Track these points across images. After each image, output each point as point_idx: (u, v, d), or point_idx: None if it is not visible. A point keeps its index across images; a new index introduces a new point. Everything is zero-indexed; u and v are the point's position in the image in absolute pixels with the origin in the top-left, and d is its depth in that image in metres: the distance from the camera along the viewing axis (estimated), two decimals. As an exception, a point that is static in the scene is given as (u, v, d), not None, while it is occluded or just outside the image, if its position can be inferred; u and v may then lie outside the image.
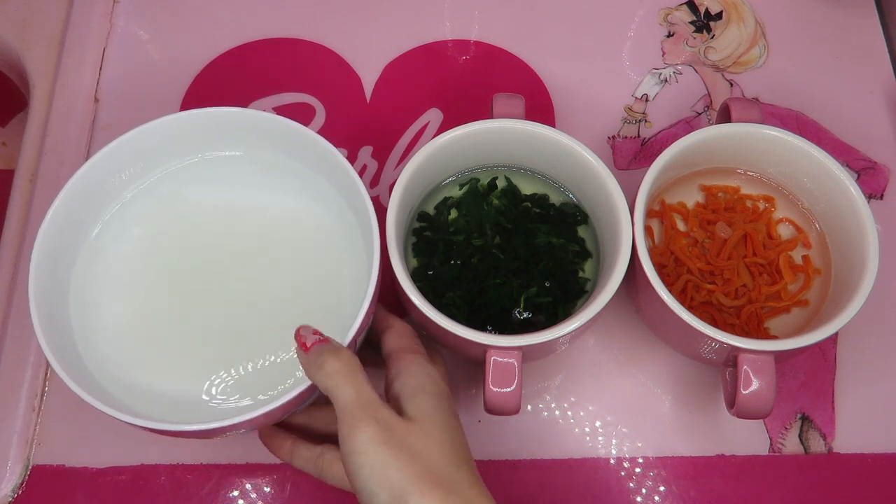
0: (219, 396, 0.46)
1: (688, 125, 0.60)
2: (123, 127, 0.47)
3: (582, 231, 0.51)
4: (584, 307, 0.44)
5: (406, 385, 0.41)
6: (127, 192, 0.49)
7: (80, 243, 0.48)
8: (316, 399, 0.45)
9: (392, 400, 0.41)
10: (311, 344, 0.40)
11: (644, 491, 0.50)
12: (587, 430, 0.51)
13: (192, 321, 0.47)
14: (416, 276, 0.49)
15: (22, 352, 0.52)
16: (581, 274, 0.50)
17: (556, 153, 0.49)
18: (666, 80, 0.61)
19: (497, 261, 0.49)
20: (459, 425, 0.41)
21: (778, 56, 0.62)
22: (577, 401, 0.52)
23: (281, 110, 0.59)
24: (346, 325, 0.43)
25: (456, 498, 0.37)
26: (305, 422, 0.47)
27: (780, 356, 0.45)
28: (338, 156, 0.47)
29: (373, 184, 0.57)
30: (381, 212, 0.45)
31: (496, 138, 0.50)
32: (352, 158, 0.58)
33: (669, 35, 0.63)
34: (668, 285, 0.47)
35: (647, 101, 0.60)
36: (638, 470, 0.50)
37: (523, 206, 0.51)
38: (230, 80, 0.60)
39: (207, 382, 0.46)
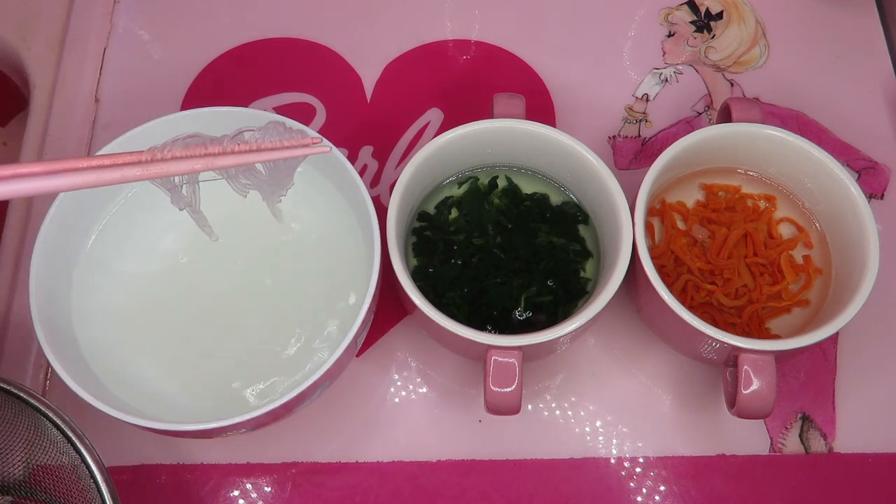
0: (220, 395, 0.46)
1: (688, 125, 0.60)
2: (123, 127, 0.47)
3: (582, 231, 0.51)
4: (585, 307, 0.44)
5: None
6: (128, 191, 0.49)
7: (82, 243, 0.48)
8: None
9: None
10: None
11: (644, 491, 0.50)
12: (587, 429, 0.51)
13: (195, 321, 0.47)
14: (416, 276, 0.49)
15: (22, 352, 0.52)
16: (582, 274, 0.50)
17: (557, 153, 0.49)
18: (666, 80, 0.61)
19: (498, 260, 0.49)
20: None
21: (778, 56, 0.62)
22: (577, 401, 0.52)
23: (281, 110, 0.59)
24: (347, 324, 0.43)
25: None
26: None
27: (780, 356, 0.45)
28: (338, 155, 0.47)
29: (373, 183, 0.57)
30: (381, 211, 0.45)
31: (496, 138, 0.50)
32: (352, 158, 0.58)
33: (670, 35, 0.63)
34: (668, 285, 0.47)
35: (647, 100, 0.60)
36: (638, 470, 0.50)
37: (524, 205, 0.51)
38: (230, 80, 0.60)
39: (209, 381, 0.46)
